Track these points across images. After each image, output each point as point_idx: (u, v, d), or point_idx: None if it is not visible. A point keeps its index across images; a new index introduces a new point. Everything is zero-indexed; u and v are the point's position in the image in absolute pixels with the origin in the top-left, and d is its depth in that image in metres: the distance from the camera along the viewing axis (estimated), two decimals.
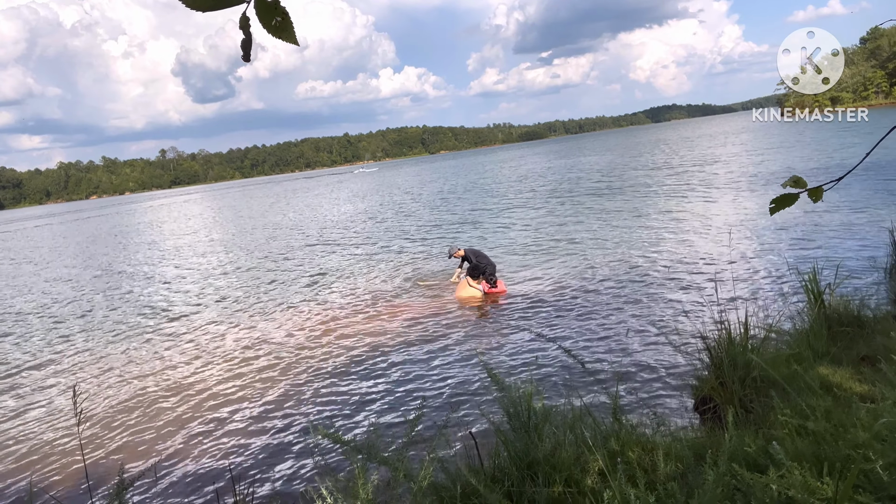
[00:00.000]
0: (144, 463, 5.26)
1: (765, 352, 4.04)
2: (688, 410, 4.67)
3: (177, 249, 22.62)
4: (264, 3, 0.81)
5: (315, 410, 5.95)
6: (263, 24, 0.81)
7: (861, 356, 4.02)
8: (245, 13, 0.79)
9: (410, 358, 7.11)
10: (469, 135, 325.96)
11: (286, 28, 0.83)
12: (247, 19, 0.80)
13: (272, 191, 75.67)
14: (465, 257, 10.05)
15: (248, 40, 0.82)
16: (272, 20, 0.81)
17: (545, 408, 3.19)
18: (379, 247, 16.41)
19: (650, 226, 14.10)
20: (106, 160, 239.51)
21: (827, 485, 1.98)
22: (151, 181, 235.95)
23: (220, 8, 0.77)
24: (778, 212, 1.52)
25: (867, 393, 3.25)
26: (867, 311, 4.90)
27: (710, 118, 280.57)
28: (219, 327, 9.72)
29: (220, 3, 0.77)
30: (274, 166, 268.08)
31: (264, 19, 0.82)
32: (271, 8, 0.81)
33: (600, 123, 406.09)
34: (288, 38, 0.84)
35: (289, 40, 0.85)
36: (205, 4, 0.76)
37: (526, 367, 6.27)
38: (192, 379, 7.37)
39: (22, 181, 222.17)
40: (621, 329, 7.16)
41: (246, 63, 0.85)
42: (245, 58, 0.83)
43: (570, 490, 2.74)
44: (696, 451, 2.89)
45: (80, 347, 9.47)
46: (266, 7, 0.81)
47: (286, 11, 0.82)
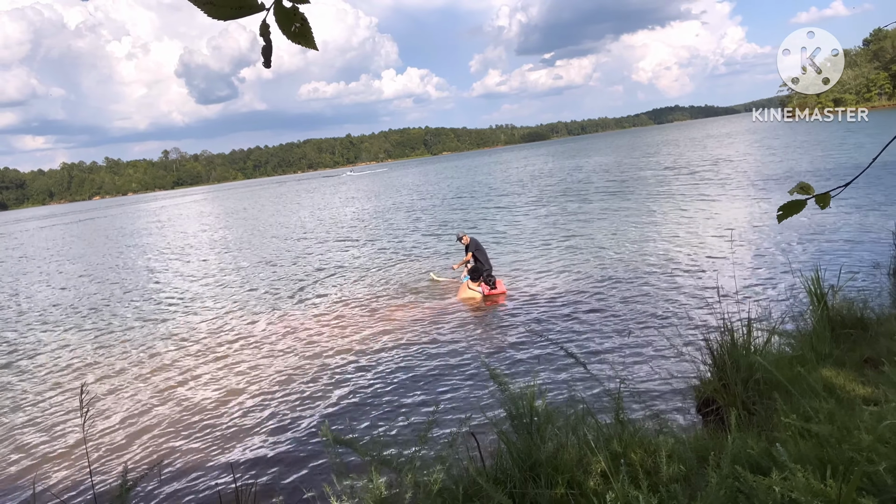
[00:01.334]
0: (148, 463, 5.27)
1: (768, 354, 4.04)
2: (690, 412, 4.67)
3: (183, 249, 22.66)
4: (284, 9, 0.82)
5: (319, 410, 5.96)
6: (283, 30, 0.82)
7: (864, 358, 4.03)
8: (265, 20, 0.81)
9: (412, 358, 7.12)
10: (471, 136, 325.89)
11: (305, 34, 0.84)
12: (267, 26, 0.81)
13: (259, 194, 75.73)
14: (468, 246, 10.09)
15: (268, 47, 0.83)
16: (292, 26, 0.83)
17: (547, 409, 3.19)
18: (387, 245, 16.42)
19: (653, 227, 14.09)
20: (109, 161, 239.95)
21: (830, 487, 1.98)
22: (154, 182, 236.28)
23: (241, 16, 0.79)
24: (786, 219, 1.52)
25: (871, 395, 3.25)
26: (870, 313, 4.90)
27: (714, 119, 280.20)
28: (225, 327, 9.74)
29: (241, 11, 0.79)
30: (276, 167, 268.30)
31: (284, 26, 0.83)
32: (290, 14, 0.82)
33: (603, 125, 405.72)
34: (307, 43, 0.85)
35: (308, 45, 0.86)
36: (226, 13, 0.78)
37: (528, 368, 6.28)
38: (198, 379, 7.39)
39: (25, 182, 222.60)
40: (624, 330, 7.16)
41: (267, 69, 0.86)
42: (266, 64, 0.84)
43: (573, 492, 2.75)
44: (698, 454, 2.90)
45: (88, 346, 9.50)
46: (286, 14, 0.82)
47: (305, 17, 0.83)
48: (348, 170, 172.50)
